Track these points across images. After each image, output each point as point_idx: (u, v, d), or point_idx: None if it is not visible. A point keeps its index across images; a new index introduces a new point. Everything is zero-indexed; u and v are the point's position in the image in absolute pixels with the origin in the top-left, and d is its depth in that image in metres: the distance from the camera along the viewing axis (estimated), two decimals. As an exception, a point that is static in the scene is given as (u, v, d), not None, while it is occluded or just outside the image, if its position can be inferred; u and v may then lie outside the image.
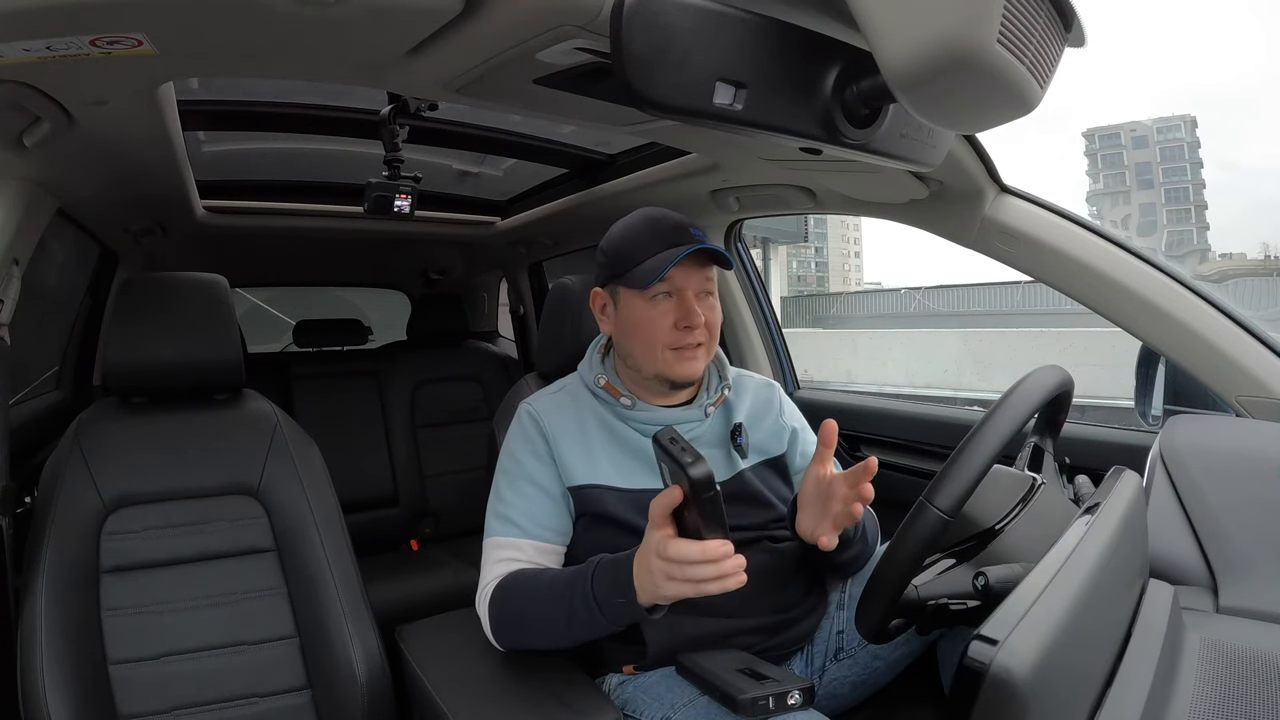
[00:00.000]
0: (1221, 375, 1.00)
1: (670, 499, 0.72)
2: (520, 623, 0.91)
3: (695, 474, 0.67)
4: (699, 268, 0.96)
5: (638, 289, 0.96)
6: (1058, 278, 1.10)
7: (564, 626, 0.86)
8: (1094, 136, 49.85)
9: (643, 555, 0.77)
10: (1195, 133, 46.90)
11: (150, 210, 1.53)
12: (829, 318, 21.35)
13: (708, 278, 0.97)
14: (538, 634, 0.91)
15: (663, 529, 0.73)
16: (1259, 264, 39.92)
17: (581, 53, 0.73)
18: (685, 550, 0.71)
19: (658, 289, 0.96)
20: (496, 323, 2.82)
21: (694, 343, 0.96)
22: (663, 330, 0.96)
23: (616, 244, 1.00)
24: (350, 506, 1.26)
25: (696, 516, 0.71)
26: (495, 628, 0.93)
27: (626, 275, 0.96)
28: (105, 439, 1.08)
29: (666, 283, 0.95)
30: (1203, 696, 0.58)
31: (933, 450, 1.44)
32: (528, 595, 0.90)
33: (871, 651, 0.97)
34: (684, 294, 0.95)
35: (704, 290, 0.97)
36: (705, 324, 0.96)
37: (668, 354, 0.96)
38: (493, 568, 0.95)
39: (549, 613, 0.87)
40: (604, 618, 0.83)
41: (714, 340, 0.99)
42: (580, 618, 0.84)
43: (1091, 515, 0.67)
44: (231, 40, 0.74)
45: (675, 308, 0.96)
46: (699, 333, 0.96)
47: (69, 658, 0.95)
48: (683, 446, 0.69)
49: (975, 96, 0.51)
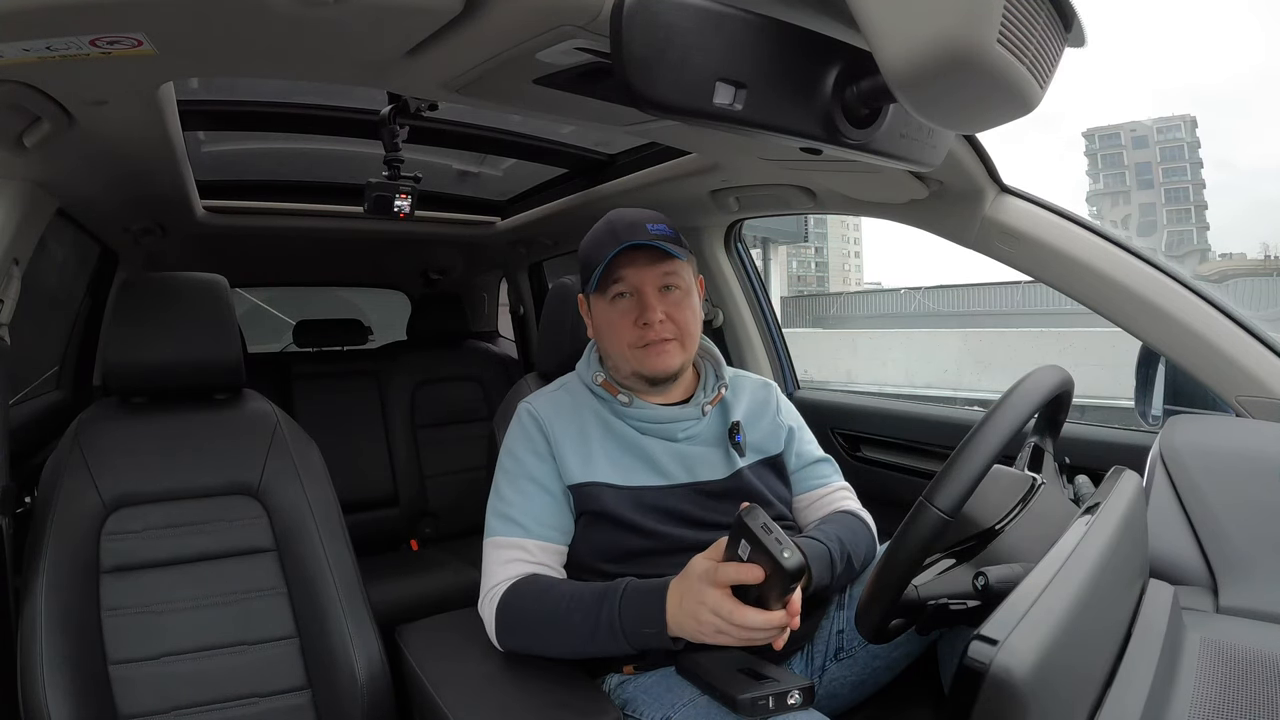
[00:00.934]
0: (1221, 375, 1.00)
1: (746, 576, 0.74)
2: (534, 630, 0.91)
3: (790, 567, 0.71)
4: (653, 264, 0.96)
5: (598, 293, 0.98)
6: (1058, 278, 1.10)
7: (580, 642, 0.87)
8: (1094, 136, 49.84)
9: (689, 603, 0.78)
10: (1195, 133, 46.91)
11: (150, 210, 1.53)
12: (829, 318, 21.36)
13: (666, 272, 0.97)
14: (550, 644, 0.91)
15: (722, 589, 0.75)
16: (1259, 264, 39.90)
17: (581, 53, 0.73)
18: (752, 619, 0.75)
19: (614, 289, 0.97)
20: (496, 323, 2.82)
21: (658, 338, 0.96)
22: (624, 330, 0.97)
23: (582, 250, 1.02)
24: (350, 506, 1.26)
25: (769, 595, 0.74)
26: (503, 631, 0.93)
27: (589, 280, 0.98)
28: (105, 439, 1.08)
29: (622, 282, 0.96)
30: (1203, 696, 0.58)
31: (933, 450, 1.44)
32: (547, 606, 0.90)
33: (871, 651, 0.97)
34: (641, 291, 0.96)
35: (664, 285, 0.97)
36: (670, 318, 0.96)
37: (636, 352, 0.97)
38: (500, 569, 0.95)
39: (568, 627, 0.87)
40: (627, 643, 0.84)
41: (687, 334, 0.99)
42: (601, 638, 0.85)
43: (1091, 515, 0.67)
44: (231, 40, 0.74)
45: (634, 306, 0.96)
46: (663, 327, 0.96)
47: (69, 658, 0.94)
48: (777, 538, 0.72)
49: (975, 96, 0.51)
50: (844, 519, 1.04)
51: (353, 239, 2.09)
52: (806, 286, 48.22)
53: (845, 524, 1.02)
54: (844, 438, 1.63)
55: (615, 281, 0.96)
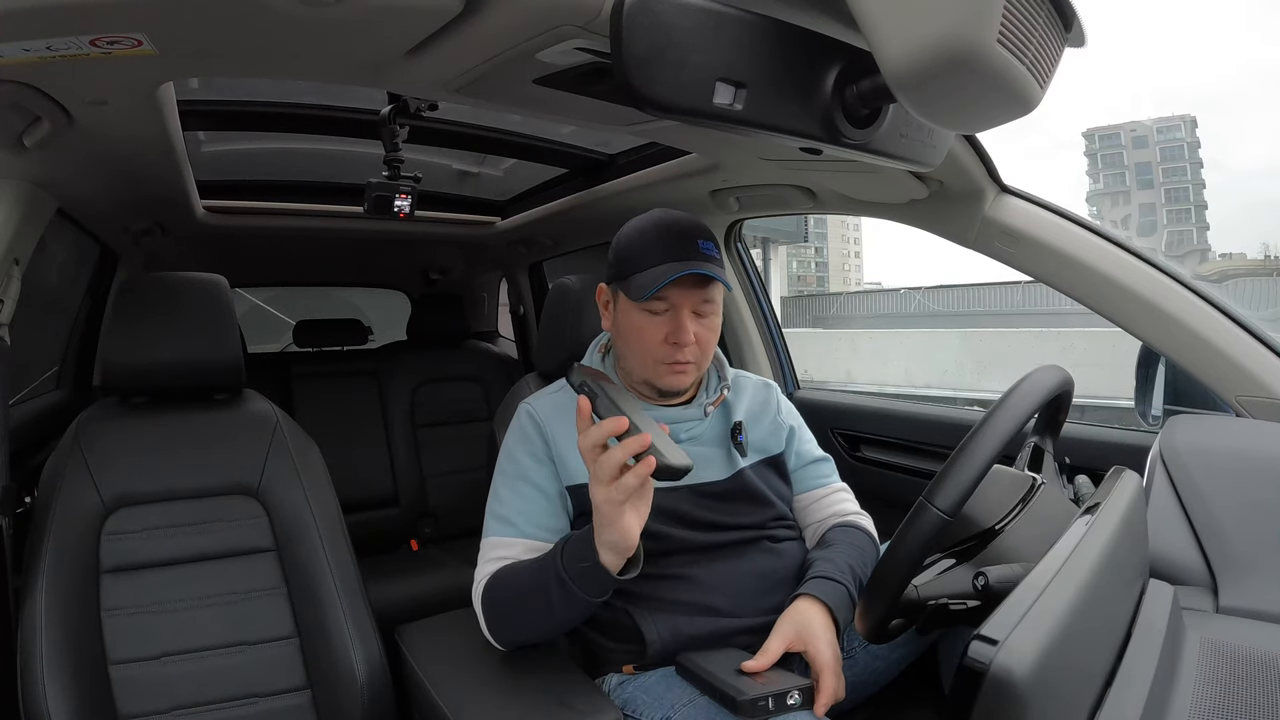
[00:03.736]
0: (1221, 375, 1.00)
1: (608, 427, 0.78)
2: (509, 614, 0.92)
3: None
4: (698, 287, 0.94)
5: (634, 298, 0.95)
6: (1058, 278, 1.10)
7: (546, 610, 0.87)
8: (1094, 136, 49.87)
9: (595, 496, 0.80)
10: (1195, 133, 46.93)
11: (150, 210, 1.52)
12: (829, 318, 21.36)
13: (706, 299, 0.95)
14: (526, 623, 0.91)
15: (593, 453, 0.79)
16: (1259, 264, 39.91)
17: (581, 53, 0.73)
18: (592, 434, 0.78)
19: (656, 304, 0.95)
20: (496, 323, 2.82)
21: (685, 360, 0.95)
22: (653, 343, 0.95)
23: (624, 246, 0.98)
24: (350, 506, 1.26)
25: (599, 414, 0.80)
26: (488, 624, 0.94)
27: (626, 281, 0.95)
28: (105, 439, 1.08)
29: (665, 299, 0.94)
30: (1203, 696, 0.58)
31: (933, 450, 1.44)
32: (512, 586, 0.91)
33: (872, 652, 0.97)
34: (679, 310, 0.94)
35: (701, 308, 0.96)
36: (698, 341, 0.95)
37: (658, 367, 0.96)
38: (484, 566, 0.96)
39: (532, 599, 0.88)
40: (577, 587, 0.83)
41: (707, 357, 0.98)
42: (559, 597, 0.85)
43: (1091, 515, 0.67)
44: (231, 40, 0.74)
45: (668, 322, 0.95)
46: (689, 350, 0.95)
47: (69, 658, 0.94)
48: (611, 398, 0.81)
49: (975, 96, 0.51)
50: (847, 535, 1.03)
51: (353, 239, 2.09)
52: (806, 286, 48.26)
53: (851, 543, 1.01)
54: (844, 438, 1.63)
55: (659, 298, 0.94)
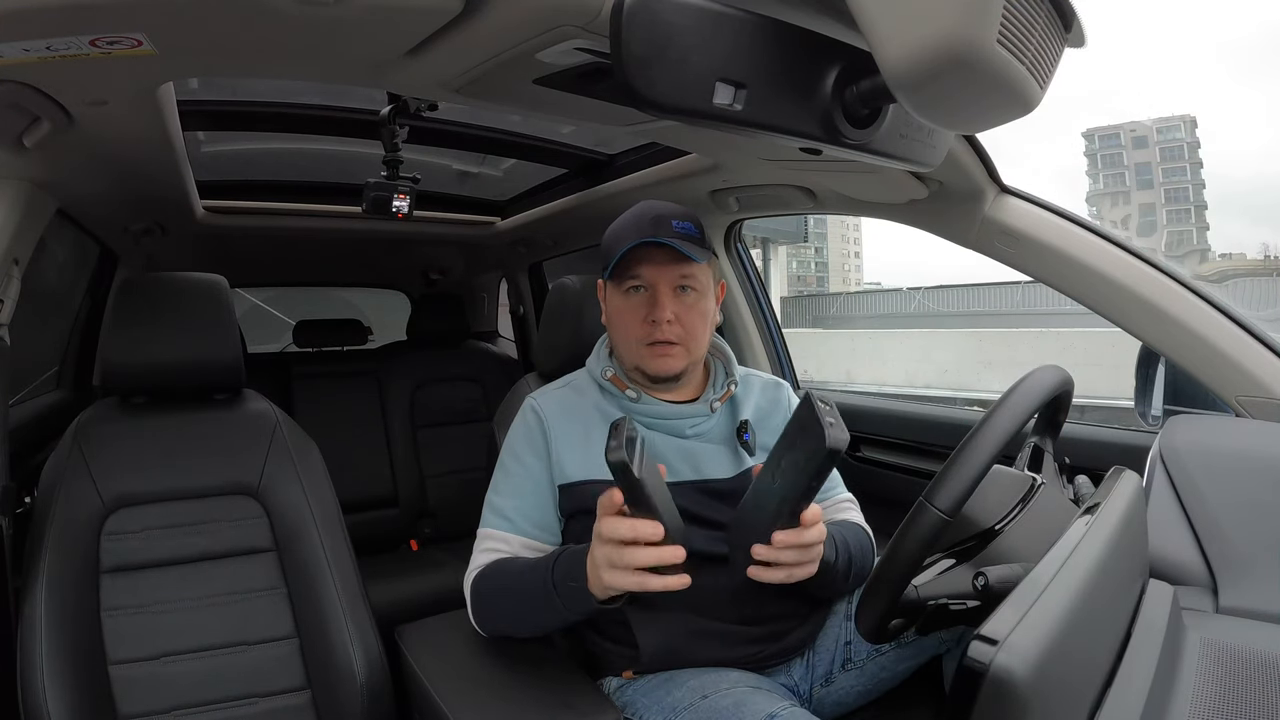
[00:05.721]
0: (1221, 375, 1.00)
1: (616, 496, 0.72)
2: (495, 607, 0.93)
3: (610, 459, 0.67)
4: (672, 263, 0.94)
5: (614, 282, 0.97)
6: (1058, 278, 1.10)
7: (530, 612, 0.88)
8: (1094, 136, 49.88)
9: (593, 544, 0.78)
10: (1195, 133, 46.94)
11: (150, 210, 1.52)
12: (829, 318, 21.37)
13: (684, 274, 0.95)
14: (510, 619, 0.92)
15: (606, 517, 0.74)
16: (1259, 264, 39.93)
17: (581, 53, 0.73)
18: (616, 527, 0.72)
19: (629, 282, 0.96)
20: (496, 323, 2.82)
21: (664, 339, 0.94)
22: (633, 324, 0.96)
23: (606, 235, 1.01)
24: (350, 506, 1.26)
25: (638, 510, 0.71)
26: (475, 613, 0.95)
27: (606, 267, 0.97)
28: (105, 439, 1.08)
29: (638, 277, 0.95)
30: (1203, 696, 0.58)
31: (933, 450, 1.44)
32: (502, 582, 0.92)
33: (879, 663, 0.97)
34: (655, 289, 0.95)
35: (680, 285, 0.95)
36: (679, 320, 0.94)
37: (641, 349, 0.96)
38: (479, 556, 0.97)
39: (519, 598, 0.88)
40: (561, 601, 0.83)
41: (693, 338, 0.97)
42: (543, 604, 0.85)
43: (1091, 515, 0.67)
44: (231, 40, 0.74)
45: (647, 302, 0.95)
46: (669, 329, 0.94)
47: (69, 658, 0.94)
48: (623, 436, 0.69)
49: (975, 96, 0.51)
50: (846, 524, 1.03)
51: (353, 239, 2.09)
52: (806, 286, 48.25)
53: (847, 528, 1.01)
54: (844, 438, 1.62)
55: (631, 275, 0.95)
